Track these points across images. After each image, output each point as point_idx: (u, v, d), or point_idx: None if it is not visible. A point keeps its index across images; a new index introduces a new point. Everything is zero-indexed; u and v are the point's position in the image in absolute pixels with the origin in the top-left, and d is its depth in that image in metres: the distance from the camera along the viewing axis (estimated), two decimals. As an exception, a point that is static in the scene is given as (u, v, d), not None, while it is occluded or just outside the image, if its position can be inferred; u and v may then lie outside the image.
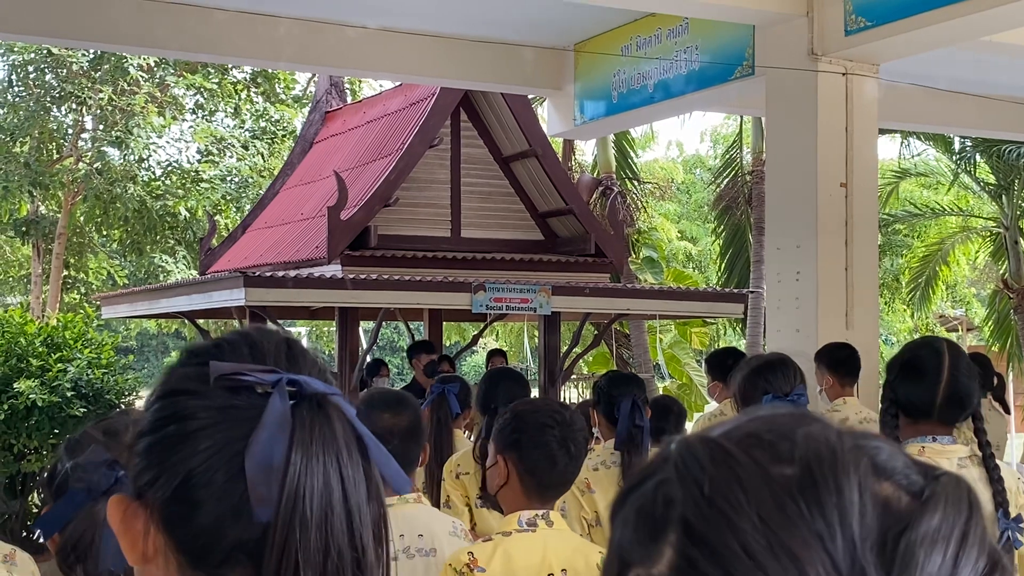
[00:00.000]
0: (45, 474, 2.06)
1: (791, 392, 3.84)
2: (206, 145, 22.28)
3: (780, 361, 3.97)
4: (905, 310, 25.56)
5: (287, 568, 0.97)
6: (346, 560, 0.99)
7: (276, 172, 17.30)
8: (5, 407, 13.30)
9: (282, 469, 0.98)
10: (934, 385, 3.08)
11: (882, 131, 10.63)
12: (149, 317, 16.76)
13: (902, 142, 17.80)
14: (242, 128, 22.72)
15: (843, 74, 7.13)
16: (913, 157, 19.87)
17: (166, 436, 1.01)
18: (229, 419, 1.01)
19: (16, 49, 20.57)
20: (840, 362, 5.64)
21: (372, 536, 1.02)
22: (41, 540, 1.99)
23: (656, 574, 0.65)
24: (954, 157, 17.75)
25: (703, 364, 21.30)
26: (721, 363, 6.27)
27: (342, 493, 1.00)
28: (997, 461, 3.16)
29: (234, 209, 21.75)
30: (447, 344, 20.89)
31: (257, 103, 22.57)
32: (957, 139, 16.86)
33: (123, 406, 10.58)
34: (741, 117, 18.34)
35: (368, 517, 1.02)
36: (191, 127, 22.79)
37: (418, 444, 3.21)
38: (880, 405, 3.24)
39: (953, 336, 26.53)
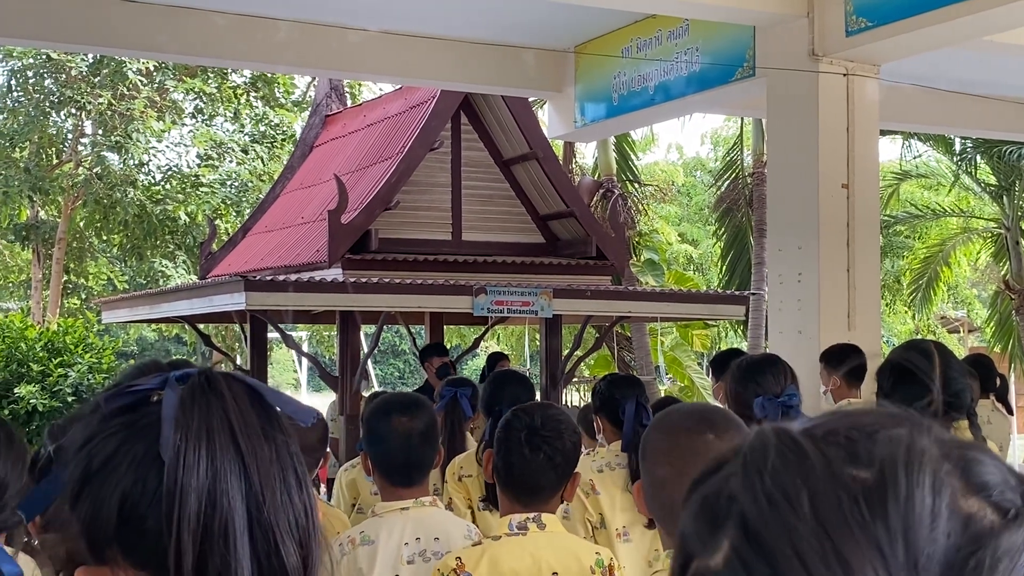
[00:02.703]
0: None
1: (782, 393, 3.79)
2: (206, 149, 22.28)
3: (770, 361, 3.91)
4: (906, 311, 25.54)
5: (185, 533, 0.97)
6: (254, 533, 0.99)
7: (276, 176, 17.29)
8: (6, 412, 13.28)
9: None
10: (929, 386, 3.08)
11: (883, 132, 10.62)
12: (150, 322, 16.76)
13: (903, 143, 17.79)
14: (242, 132, 22.73)
15: (844, 75, 7.11)
16: (914, 158, 19.87)
17: (92, 478, 1.03)
18: (137, 433, 1.03)
19: (15, 54, 20.58)
20: (848, 364, 5.62)
21: (291, 518, 1.02)
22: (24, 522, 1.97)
23: (712, 566, 0.63)
24: (955, 158, 17.74)
25: (704, 366, 21.27)
26: (725, 364, 6.24)
27: (240, 465, 1.00)
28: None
29: (234, 213, 21.75)
30: (448, 347, 20.87)
31: (257, 107, 22.57)
32: (958, 140, 16.86)
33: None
34: (742, 119, 18.34)
35: (279, 495, 1.01)
36: (191, 131, 22.80)
37: (433, 447, 3.22)
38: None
39: (954, 337, 26.54)
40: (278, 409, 1.07)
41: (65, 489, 1.07)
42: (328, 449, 5.07)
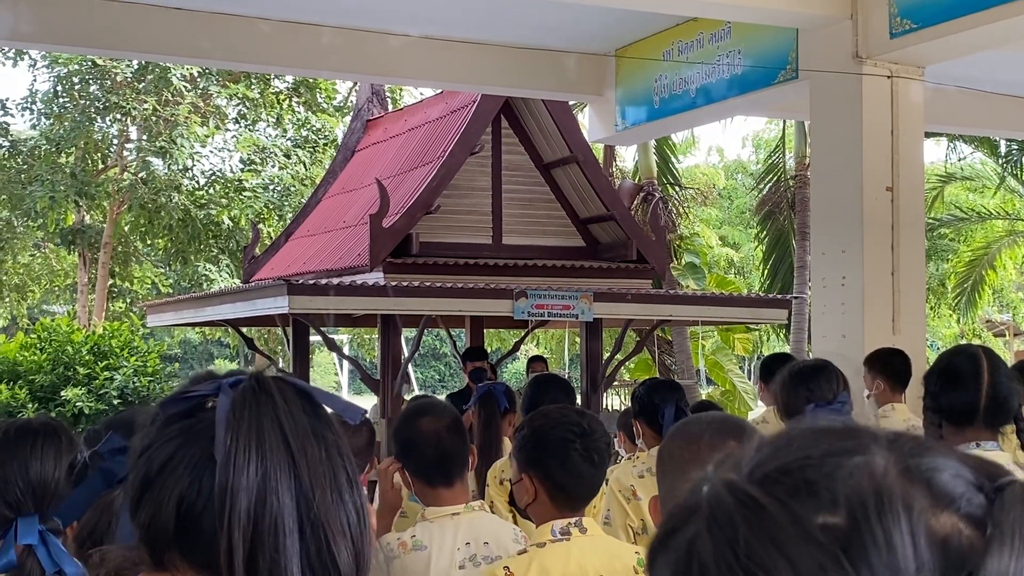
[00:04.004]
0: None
1: (834, 399, 3.75)
2: (249, 154, 22.46)
3: (822, 367, 3.87)
4: (951, 315, 25.29)
5: (235, 530, 0.99)
6: (305, 531, 1.01)
7: (318, 180, 17.40)
8: (52, 415, 13.38)
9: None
10: (976, 389, 3.07)
11: (927, 134, 10.53)
12: (194, 325, 16.90)
13: (948, 145, 17.62)
14: (284, 137, 22.89)
15: (888, 77, 7.06)
16: (959, 160, 19.67)
17: (151, 483, 1.06)
18: (193, 438, 1.05)
19: (61, 61, 20.84)
20: (894, 368, 5.58)
21: (343, 515, 1.03)
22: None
23: None
24: (1000, 160, 17.55)
25: (746, 370, 21.13)
26: (773, 368, 6.20)
27: (290, 464, 1.02)
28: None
29: (277, 217, 21.91)
30: (488, 351, 20.90)
31: (299, 112, 22.73)
32: (1003, 142, 16.68)
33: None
34: (784, 121, 18.24)
35: (329, 494, 1.03)
36: (234, 137, 22.99)
37: (463, 440, 3.25)
38: (922, 416, 3.22)
39: (1000, 341, 26.24)
40: (329, 411, 1.09)
41: (101, 496, 1.10)
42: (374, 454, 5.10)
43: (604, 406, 14.13)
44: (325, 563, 1.01)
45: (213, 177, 22.53)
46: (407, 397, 10.67)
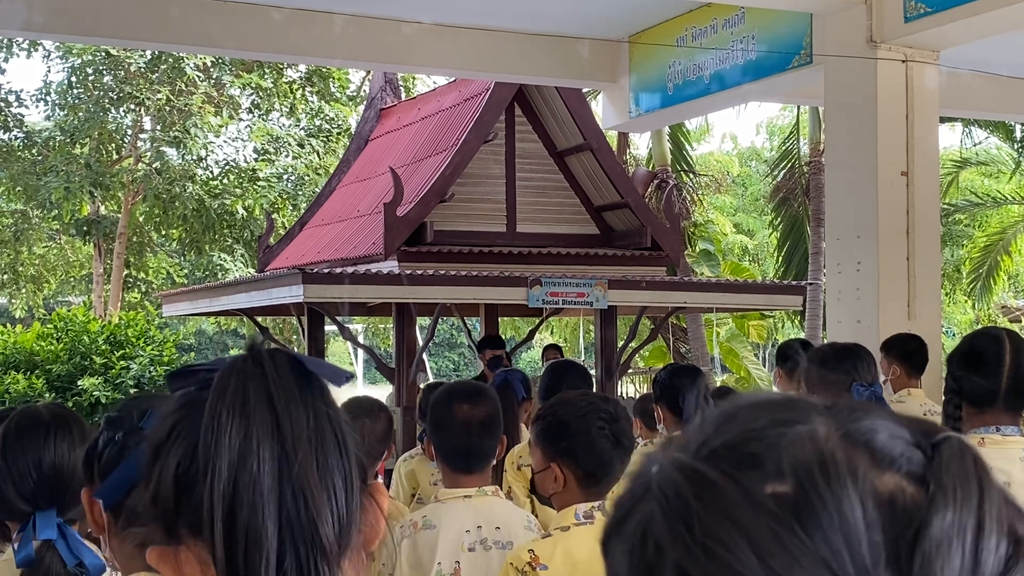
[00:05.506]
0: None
1: (874, 382, 3.83)
2: (262, 144, 22.49)
3: (863, 348, 3.96)
4: (966, 301, 25.20)
5: (216, 488, 1.01)
6: (285, 498, 1.02)
7: (332, 170, 17.41)
8: (69, 404, 13.50)
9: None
10: (997, 372, 3.06)
11: (942, 119, 10.48)
12: (209, 314, 16.96)
13: (963, 130, 17.54)
14: (298, 127, 22.92)
15: (903, 61, 7.03)
16: (974, 146, 19.58)
17: (158, 454, 1.09)
18: (195, 409, 1.07)
19: (75, 51, 20.89)
20: (910, 353, 5.58)
21: (331, 485, 1.04)
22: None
23: None
24: (1016, 145, 17.47)
25: (761, 357, 21.07)
26: (788, 354, 6.20)
27: (274, 427, 1.03)
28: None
29: (291, 207, 21.95)
30: (503, 339, 20.91)
31: (312, 102, 22.75)
32: (1019, 126, 16.60)
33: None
34: (798, 107, 18.18)
35: (314, 458, 1.03)
36: (247, 126, 23.02)
37: (494, 437, 3.20)
38: (943, 397, 3.21)
39: (1016, 327, 26.14)
40: (326, 384, 1.10)
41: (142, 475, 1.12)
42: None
43: (619, 393, 14.15)
44: (304, 525, 1.02)
45: (227, 167, 22.58)
46: (422, 386, 10.68)
